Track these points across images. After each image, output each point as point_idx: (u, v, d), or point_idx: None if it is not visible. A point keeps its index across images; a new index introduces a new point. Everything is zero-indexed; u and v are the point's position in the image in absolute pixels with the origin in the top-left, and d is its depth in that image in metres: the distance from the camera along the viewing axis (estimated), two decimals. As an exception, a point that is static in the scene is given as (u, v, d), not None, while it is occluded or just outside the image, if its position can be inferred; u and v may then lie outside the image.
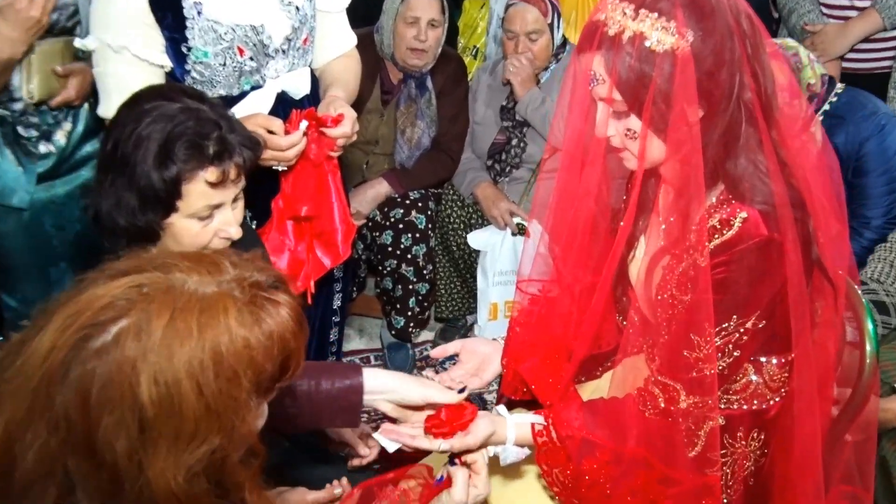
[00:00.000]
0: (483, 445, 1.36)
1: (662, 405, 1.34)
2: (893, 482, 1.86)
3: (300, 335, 0.90)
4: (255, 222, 1.89)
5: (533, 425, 1.40)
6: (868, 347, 1.48)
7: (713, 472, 1.34)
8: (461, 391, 1.37)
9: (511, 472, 1.54)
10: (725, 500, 1.42)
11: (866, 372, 1.48)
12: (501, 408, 1.45)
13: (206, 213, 1.37)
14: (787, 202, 1.26)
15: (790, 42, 2.28)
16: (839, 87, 2.32)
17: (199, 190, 1.34)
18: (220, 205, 1.38)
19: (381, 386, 1.34)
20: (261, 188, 1.78)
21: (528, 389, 1.56)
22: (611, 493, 1.38)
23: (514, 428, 1.40)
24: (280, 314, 0.88)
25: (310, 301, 1.94)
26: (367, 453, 1.64)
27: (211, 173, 1.34)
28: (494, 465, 1.54)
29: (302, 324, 0.91)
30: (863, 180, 2.28)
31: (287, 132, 1.69)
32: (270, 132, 1.67)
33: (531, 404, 1.51)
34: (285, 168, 1.74)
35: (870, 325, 1.49)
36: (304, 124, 1.70)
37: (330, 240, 1.86)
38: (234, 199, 1.42)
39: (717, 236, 1.28)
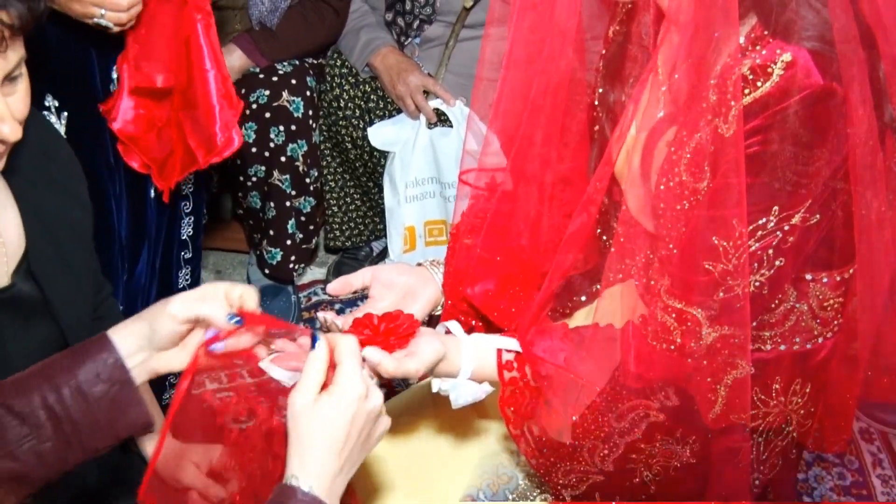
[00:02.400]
0: (426, 374, 1.37)
1: (679, 340, 1.34)
2: None
3: None
4: (64, 113, 1.81)
5: (499, 352, 1.42)
6: None
7: (740, 435, 1.37)
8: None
9: (462, 421, 1.60)
10: (756, 481, 1.45)
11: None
12: (454, 324, 1.46)
13: None
14: (855, 37, 1.23)
15: None
16: None
17: None
18: None
19: (134, 341, 1.29)
20: (74, 57, 1.74)
21: (477, 321, 1.61)
22: (601, 463, 1.41)
23: (472, 354, 1.41)
24: None
25: (166, 199, 1.92)
26: None
27: None
28: (435, 417, 1.62)
29: None
30: None
31: None
32: None
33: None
34: (116, 28, 1.70)
35: None
36: None
37: (203, 124, 1.82)
38: (8, 79, 1.34)
39: (748, 91, 1.27)
